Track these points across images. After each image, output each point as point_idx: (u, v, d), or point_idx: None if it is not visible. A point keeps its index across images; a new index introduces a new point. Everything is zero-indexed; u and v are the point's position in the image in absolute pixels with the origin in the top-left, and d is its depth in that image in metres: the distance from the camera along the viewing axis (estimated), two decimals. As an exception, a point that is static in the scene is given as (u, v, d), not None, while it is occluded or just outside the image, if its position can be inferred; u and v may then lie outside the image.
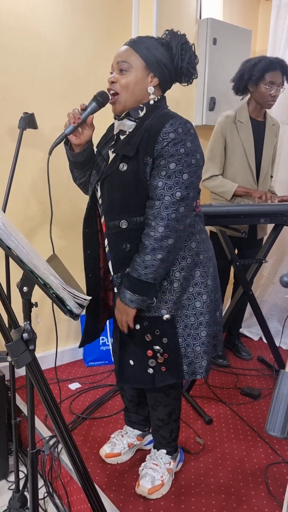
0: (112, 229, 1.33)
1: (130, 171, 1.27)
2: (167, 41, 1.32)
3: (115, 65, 1.32)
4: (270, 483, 1.63)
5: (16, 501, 1.57)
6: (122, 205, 1.30)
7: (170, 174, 1.23)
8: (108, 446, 1.74)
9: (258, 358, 2.66)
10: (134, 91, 1.30)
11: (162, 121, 1.25)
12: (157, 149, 1.23)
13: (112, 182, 1.31)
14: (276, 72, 2.17)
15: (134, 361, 1.41)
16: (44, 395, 1.02)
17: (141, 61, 1.29)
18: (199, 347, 1.41)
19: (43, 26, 2.11)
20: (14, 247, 0.89)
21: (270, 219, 2.12)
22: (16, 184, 2.09)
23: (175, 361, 1.40)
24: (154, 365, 1.39)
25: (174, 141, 1.22)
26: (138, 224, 1.30)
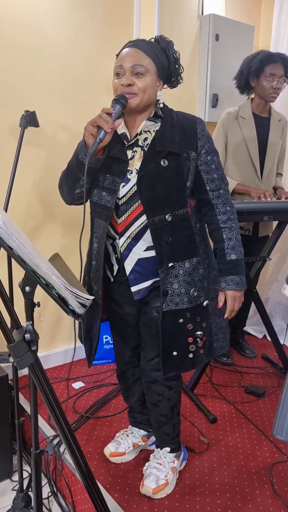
0: (157, 223, 1.35)
1: (171, 167, 1.34)
2: (164, 47, 1.37)
3: (127, 68, 1.31)
4: (275, 482, 1.63)
5: (20, 500, 1.57)
6: (164, 200, 1.35)
7: (217, 166, 1.42)
8: (112, 445, 1.74)
9: (262, 356, 2.65)
10: (149, 94, 1.33)
11: (190, 119, 1.39)
12: (200, 145, 1.37)
13: (153, 177, 1.34)
14: (276, 64, 2.16)
15: (177, 351, 1.45)
16: (46, 395, 1.02)
17: (154, 65, 1.33)
18: (224, 323, 1.57)
19: (45, 23, 2.09)
20: (15, 246, 0.88)
21: (273, 216, 2.10)
22: (18, 183, 2.09)
23: (209, 341, 1.52)
24: (194, 349, 1.46)
25: (210, 137, 1.40)
26: (179, 216, 1.38)
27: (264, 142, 2.32)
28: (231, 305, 1.44)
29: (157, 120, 1.37)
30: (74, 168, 1.39)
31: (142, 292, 1.45)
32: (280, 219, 2.15)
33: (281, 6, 2.79)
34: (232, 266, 1.42)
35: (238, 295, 1.44)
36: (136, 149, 1.37)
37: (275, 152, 2.36)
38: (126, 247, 1.41)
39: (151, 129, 1.37)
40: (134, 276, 1.43)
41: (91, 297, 1.01)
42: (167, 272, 1.39)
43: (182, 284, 1.41)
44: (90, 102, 2.31)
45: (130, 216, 1.38)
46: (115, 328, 1.63)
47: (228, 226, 1.42)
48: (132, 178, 1.36)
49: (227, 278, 1.42)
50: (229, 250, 1.42)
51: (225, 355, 2.57)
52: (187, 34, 2.62)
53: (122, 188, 1.37)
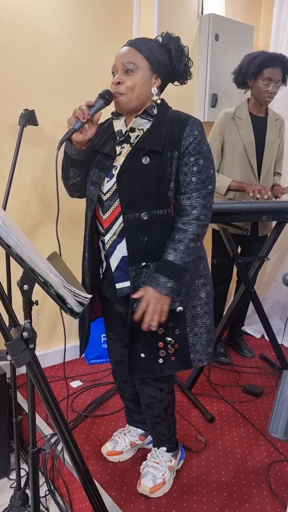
0: (131, 221, 1.33)
1: (153, 165, 1.31)
2: (165, 43, 1.36)
3: (119, 66, 1.32)
4: (272, 481, 1.63)
5: (18, 499, 1.57)
6: (143, 198, 1.32)
7: (200, 169, 1.33)
8: (110, 444, 1.74)
9: (260, 356, 2.65)
10: (140, 92, 1.32)
11: (182, 118, 1.33)
12: (184, 144, 1.31)
13: (133, 175, 1.32)
14: (275, 69, 2.15)
15: (145, 354, 1.42)
16: (44, 394, 1.02)
17: (146, 62, 1.32)
18: (206, 335, 1.48)
19: (44, 22, 2.09)
20: (13, 245, 0.88)
21: (272, 216, 2.11)
22: (17, 181, 2.09)
23: (183, 350, 1.44)
24: (164, 355, 1.42)
25: (198, 138, 1.32)
26: (157, 217, 1.34)
27: (262, 142, 2.32)
28: (144, 303, 1.32)
29: (150, 118, 1.36)
30: (64, 161, 1.42)
31: (125, 290, 1.42)
32: (279, 219, 2.15)
33: (281, 7, 2.79)
34: (164, 265, 1.32)
35: (154, 296, 1.31)
36: (124, 145, 1.37)
37: (273, 152, 2.37)
38: (111, 244, 1.40)
39: (144, 127, 1.36)
40: (118, 273, 1.42)
41: (89, 295, 1.01)
42: (140, 272, 1.36)
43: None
44: (90, 101, 2.30)
45: (113, 213, 1.37)
46: (107, 327, 1.63)
47: (185, 228, 1.33)
48: (115, 173, 1.35)
49: (153, 275, 1.33)
50: (171, 249, 1.33)
51: (223, 354, 2.57)
52: (187, 33, 2.62)
53: (106, 183, 1.37)
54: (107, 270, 1.47)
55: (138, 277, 1.36)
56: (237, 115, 2.30)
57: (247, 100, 2.34)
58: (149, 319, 1.33)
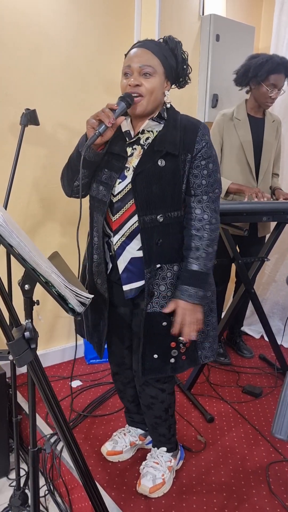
0: (148, 223, 1.34)
1: (168, 167, 1.33)
2: (172, 48, 1.36)
3: (135, 68, 1.30)
4: (271, 481, 1.63)
5: (17, 498, 1.57)
6: (159, 200, 1.33)
7: (210, 173, 1.38)
8: (110, 444, 1.74)
9: (259, 356, 2.66)
10: (157, 95, 1.33)
11: (193, 123, 1.38)
12: (197, 148, 1.35)
13: (149, 177, 1.32)
14: (280, 75, 2.16)
15: (158, 354, 1.43)
16: (45, 393, 1.02)
17: (161, 66, 1.33)
18: (212, 332, 1.51)
19: (46, 22, 2.09)
20: (15, 244, 0.88)
21: (272, 217, 2.11)
22: (18, 181, 2.08)
23: (193, 348, 1.47)
24: (176, 355, 1.44)
25: (209, 143, 1.37)
26: (172, 218, 1.36)
27: (259, 143, 2.33)
28: (179, 317, 1.36)
29: (161, 121, 1.37)
30: (74, 161, 1.39)
31: (134, 291, 1.43)
32: (279, 219, 2.16)
33: (282, 7, 2.79)
34: (190, 276, 1.36)
35: (189, 308, 1.36)
36: (136, 147, 1.37)
37: (271, 153, 2.37)
38: (120, 245, 1.40)
39: (154, 129, 1.37)
40: (126, 274, 1.42)
41: (90, 295, 1.01)
42: (154, 273, 1.38)
43: (169, 287, 1.39)
44: (91, 101, 2.31)
45: (124, 214, 1.37)
46: (110, 330, 1.58)
47: (200, 234, 1.36)
48: (128, 175, 1.35)
49: (182, 287, 1.36)
50: (192, 259, 1.36)
51: (223, 355, 2.57)
52: (188, 34, 2.62)
53: (118, 184, 1.36)
54: (112, 271, 1.46)
55: (153, 279, 1.37)
56: (235, 116, 2.31)
57: (245, 101, 2.34)
58: (188, 331, 1.37)
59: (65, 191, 1.51)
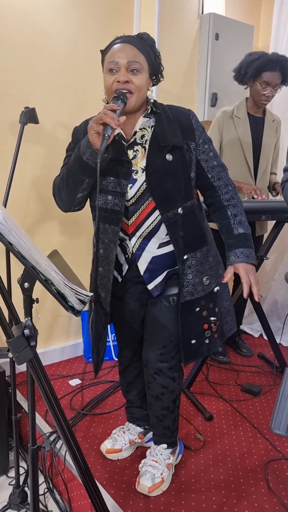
0: (171, 218, 1.37)
1: (176, 160, 1.35)
2: (150, 45, 1.35)
3: (123, 64, 1.27)
4: (270, 479, 1.64)
5: (17, 496, 1.58)
6: (175, 193, 1.36)
7: (215, 153, 1.45)
8: (109, 442, 1.74)
9: (258, 355, 2.66)
10: (144, 92, 1.33)
11: (183, 111, 1.41)
12: (197, 134, 1.39)
13: (161, 174, 1.33)
14: (274, 73, 2.13)
15: (196, 339, 1.47)
16: (45, 391, 1.02)
17: (146, 63, 1.32)
18: (230, 305, 1.60)
19: (45, 21, 2.09)
20: (15, 242, 0.88)
21: (271, 215, 2.11)
22: (17, 179, 2.09)
23: (221, 325, 1.55)
24: (209, 335, 1.50)
25: (203, 127, 1.43)
26: (188, 208, 1.40)
27: (258, 142, 2.33)
28: (246, 278, 1.38)
29: (151, 116, 1.37)
30: (76, 171, 1.32)
31: (159, 287, 1.46)
32: (278, 218, 2.16)
33: (281, 6, 2.80)
34: (240, 239, 1.41)
35: (249, 267, 1.40)
36: (137, 148, 1.35)
37: (270, 152, 2.38)
38: (138, 247, 1.41)
39: (146, 126, 1.37)
40: (148, 274, 1.44)
41: (90, 293, 1.02)
42: (182, 265, 1.42)
43: (195, 274, 1.43)
44: (90, 100, 2.31)
45: (140, 216, 1.37)
46: (121, 326, 1.60)
47: (232, 203, 1.44)
48: (138, 177, 1.34)
49: (237, 251, 1.40)
50: (236, 225, 1.42)
51: (222, 353, 2.58)
52: (187, 33, 2.62)
53: (130, 189, 1.35)
54: (128, 271, 1.48)
55: (184, 271, 1.42)
56: (235, 114, 2.31)
57: (246, 100, 2.35)
58: (257, 289, 1.39)
59: (62, 206, 1.43)
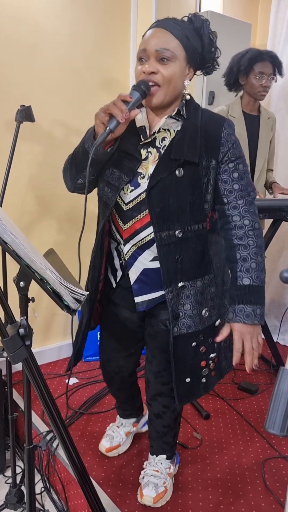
0: (164, 239, 1.20)
1: (187, 177, 1.18)
2: (197, 28, 1.18)
3: (151, 52, 1.12)
4: (266, 478, 1.64)
5: (13, 496, 1.58)
6: (177, 214, 1.19)
7: (241, 175, 1.22)
8: (106, 440, 1.72)
9: (255, 354, 2.66)
10: (176, 84, 1.16)
11: (216, 120, 1.21)
12: (223, 151, 1.19)
13: (165, 188, 1.18)
14: (265, 63, 2.16)
15: (191, 377, 1.32)
16: (40, 390, 1.02)
17: (183, 50, 1.15)
18: (230, 340, 1.39)
19: (42, 18, 2.08)
20: (10, 241, 0.88)
21: (269, 214, 2.11)
22: (13, 178, 2.08)
23: (219, 361, 1.38)
24: (207, 373, 1.34)
25: (236, 142, 1.22)
26: (192, 232, 1.22)
27: (255, 141, 2.33)
28: (238, 344, 1.18)
29: (179, 118, 1.20)
30: (79, 157, 1.23)
31: (146, 304, 1.32)
32: (275, 217, 2.16)
33: (278, 4, 2.79)
34: (243, 293, 1.17)
35: (248, 330, 1.17)
36: (151, 150, 1.21)
37: (266, 150, 2.38)
38: (131, 255, 1.28)
39: (172, 128, 1.21)
40: (138, 286, 1.31)
41: (86, 292, 1.01)
42: (177, 293, 1.24)
43: (194, 304, 1.26)
44: (87, 98, 2.30)
45: (136, 224, 1.24)
46: (110, 334, 1.50)
47: (244, 243, 1.19)
48: (142, 183, 1.21)
49: (236, 308, 1.18)
50: (242, 273, 1.18)
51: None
52: (184, 30, 2.62)
53: (130, 192, 1.22)
54: (122, 278, 1.37)
55: (176, 299, 1.25)
56: (230, 113, 2.31)
57: (240, 98, 2.34)
58: (251, 358, 1.19)
59: (67, 186, 1.36)
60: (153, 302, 1.32)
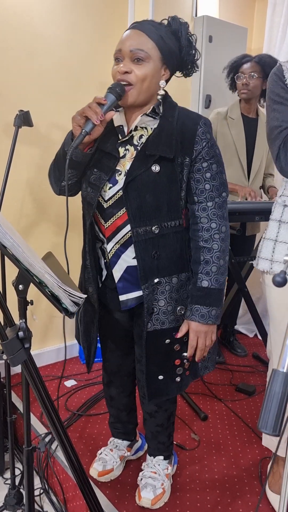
0: (141, 235, 1.22)
1: (163, 173, 1.20)
2: (175, 30, 1.22)
3: (126, 52, 1.16)
4: (264, 478, 1.65)
5: (12, 497, 1.58)
6: (153, 210, 1.21)
7: (214, 175, 1.24)
8: (98, 464, 1.61)
9: (253, 355, 2.68)
10: (150, 84, 1.19)
11: (193, 119, 1.23)
12: (197, 149, 1.21)
13: (142, 184, 1.20)
14: (248, 63, 2.23)
15: (164, 375, 1.33)
16: (39, 392, 1.03)
17: (157, 50, 1.18)
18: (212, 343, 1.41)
19: (40, 22, 2.10)
20: (9, 245, 0.89)
21: (265, 216, 2.13)
22: (12, 181, 2.09)
23: (194, 361, 1.38)
24: (181, 372, 1.35)
25: (211, 141, 1.23)
26: (169, 229, 1.25)
27: (252, 143, 2.36)
28: (193, 340, 1.26)
29: (156, 116, 1.23)
30: (61, 160, 1.27)
31: (130, 302, 1.32)
32: (271, 219, 2.17)
33: (274, 8, 2.82)
34: (201, 294, 1.23)
35: (202, 329, 1.25)
36: (128, 148, 1.25)
37: (263, 153, 2.41)
38: (114, 253, 1.29)
39: (149, 126, 1.24)
40: (122, 284, 1.31)
41: (84, 295, 1.02)
42: (152, 289, 1.26)
43: (168, 301, 1.27)
44: (84, 101, 2.29)
45: (117, 222, 1.25)
46: (104, 334, 1.52)
47: (209, 246, 1.23)
48: (120, 180, 1.23)
49: (193, 307, 1.24)
50: (202, 275, 1.23)
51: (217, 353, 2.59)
52: (181, 35, 2.64)
53: (108, 189, 1.25)
54: (107, 278, 1.37)
55: (151, 295, 1.26)
56: (229, 115, 2.34)
57: (239, 101, 2.37)
58: (201, 354, 1.29)
59: (53, 189, 1.40)
60: (137, 301, 1.32)
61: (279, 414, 0.54)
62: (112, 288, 1.36)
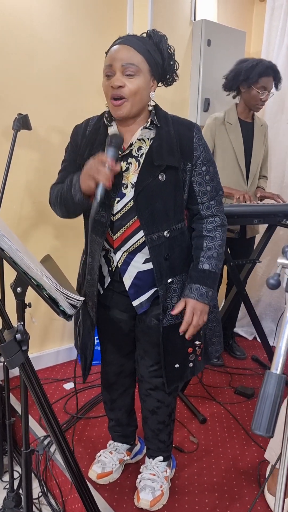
0: (155, 241, 1.30)
1: (169, 180, 1.29)
2: (157, 42, 1.27)
3: (117, 67, 1.21)
4: (262, 481, 1.65)
5: (11, 500, 1.58)
6: (163, 215, 1.30)
7: (212, 177, 1.36)
8: (97, 466, 1.62)
9: (252, 358, 2.68)
10: (142, 96, 1.24)
11: (186, 126, 1.32)
12: (196, 155, 1.31)
13: (151, 194, 1.27)
14: (269, 78, 2.21)
15: (179, 363, 1.42)
16: (37, 395, 1.03)
17: (146, 64, 1.24)
18: (218, 327, 1.53)
19: (39, 26, 2.11)
20: (7, 248, 0.89)
21: (263, 219, 2.13)
22: (11, 185, 2.10)
23: (206, 347, 1.49)
24: (193, 358, 1.45)
25: (206, 146, 1.34)
26: (177, 231, 1.35)
27: (249, 147, 2.37)
28: (189, 316, 1.33)
29: (151, 127, 1.29)
30: (69, 203, 1.31)
31: (144, 304, 1.39)
32: (270, 222, 2.18)
33: (273, 12, 2.83)
34: (202, 275, 1.34)
35: (199, 307, 1.33)
36: (130, 161, 1.29)
37: (260, 156, 2.43)
38: (124, 261, 1.35)
39: (145, 137, 1.30)
40: (134, 290, 1.38)
41: (81, 298, 1.03)
42: (166, 288, 1.35)
43: (180, 297, 1.37)
44: (83, 105, 2.32)
45: (126, 232, 1.31)
46: (106, 337, 1.55)
47: (212, 235, 1.36)
48: (127, 192, 1.28)
49: (192, 286, 1.33)
50: (204, 259, 1.34)
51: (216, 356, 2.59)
52: (180, 39, 2.65)
53: (116, 203, 1.29)
54: (114, 284, 1.41)
55: (165, 294, 1.35)
56: (227, 120, 2.35)
57: (235, 105, 2.38)
58: (194, 331, 1.35)
59: (58, 215, 1.43)
60: (149, 301, 1.40)
61: (272, 416, 0.54)
62: (119, 292, 1.42)
